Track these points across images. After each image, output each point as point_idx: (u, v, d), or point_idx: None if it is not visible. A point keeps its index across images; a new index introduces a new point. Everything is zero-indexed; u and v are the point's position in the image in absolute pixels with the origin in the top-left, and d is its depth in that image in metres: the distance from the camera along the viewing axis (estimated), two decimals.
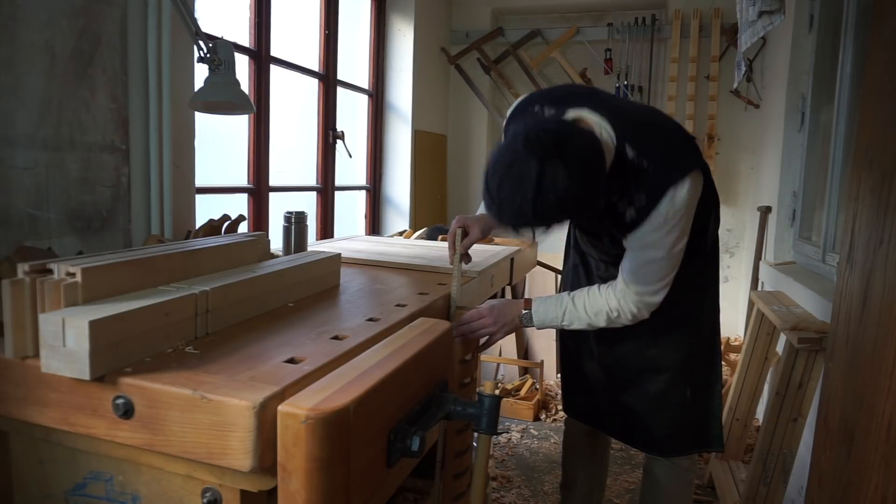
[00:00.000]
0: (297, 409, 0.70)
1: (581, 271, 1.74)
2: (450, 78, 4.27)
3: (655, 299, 1.44)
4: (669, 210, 1.34)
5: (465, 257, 1.55)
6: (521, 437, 2.94)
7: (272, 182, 2.63)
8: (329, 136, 3.11)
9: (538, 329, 1.57)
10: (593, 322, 1.47)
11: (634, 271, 1.43)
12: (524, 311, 1.48)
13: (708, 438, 1.68)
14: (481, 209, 1.58)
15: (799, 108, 2.83)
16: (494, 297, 1.93)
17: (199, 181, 1.97)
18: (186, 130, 1.87)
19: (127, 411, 0.76)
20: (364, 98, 3.62)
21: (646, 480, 1.77)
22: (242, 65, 2.46)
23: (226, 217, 1.65)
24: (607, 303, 1.45)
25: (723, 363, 1.91)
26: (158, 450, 0.76)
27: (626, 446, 2.88)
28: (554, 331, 4.01)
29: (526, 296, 4.04)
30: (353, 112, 3.52)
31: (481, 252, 1.98)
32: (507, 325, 1.46)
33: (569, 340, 1.81)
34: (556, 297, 1.50)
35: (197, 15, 2.00)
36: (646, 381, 1.66)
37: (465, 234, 1.52)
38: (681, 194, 1.34)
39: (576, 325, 1.49)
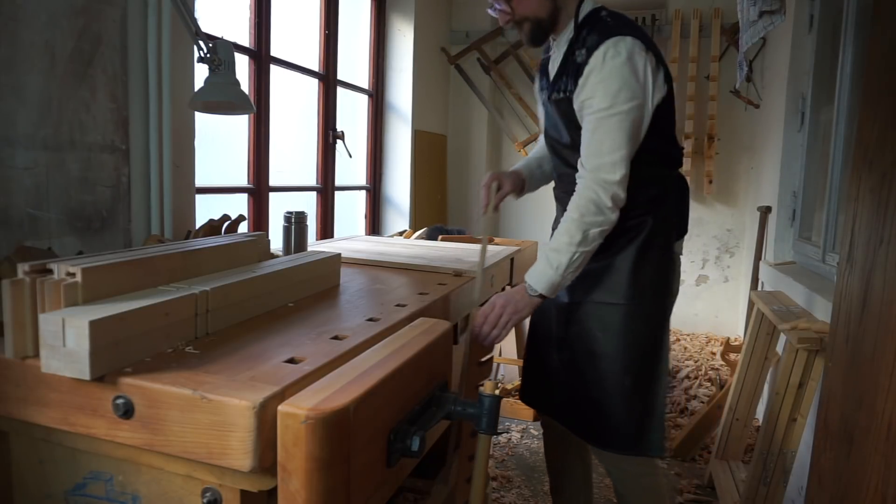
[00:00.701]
0: (297, 409, 0.70)
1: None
2: (450, 78, 4.27)
3: (613, 177, 1.44)
4: (606, 61, 1.43)
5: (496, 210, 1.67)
6: (521, 437, 2.94)
7: (272, 182, 2.63)
8: (329, 136, 3.11)
9: (549, 295, 1.53)
10: (573, 238, 1.46)
11: (587, 146, 1.47)
12: (526, 286, 1.50)
13: (645, 441, 1.59)
14: (515, 167, 1.81)
15: (799, 108, 2.83)
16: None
17: (199, 181, 1.97)
18: (186, 130, 1.87)
19: (127, 411, 0.76)
20: (364, 98, 3.62)
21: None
22: (242, 65, 2.46)
23: (226, 217, 1.65)
24: (570, 211, 1.47)
25: (669, 360, 1.80)
26: (158, 450, 0.76)
27: None
28: None
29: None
30: (353, 112, 3.52)
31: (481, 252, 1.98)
32: (519, 304, 1.49)
33: (536, 323, 1.78)
34: (538, 259, 1.52)
35: (197, 15, 2.00)
36: (586, 363, 1.63)
37: (498, 187, 1.65)
38: (618, 49, 1.43)
39: (565, 258, 1.47)
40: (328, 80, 3.09)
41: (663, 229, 1.60)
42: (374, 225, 3.78)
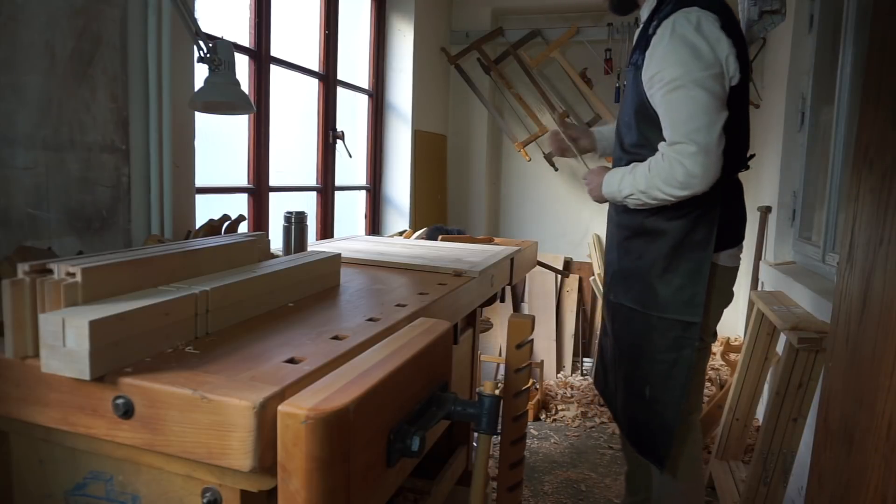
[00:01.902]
0: (297, 409, 0.70)
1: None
2: (450, 78, 4.27)
3: (688, 149, 1.38)
4: (674, 32, 1.40)
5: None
6: None
7: (272, 182, 2.63)
8: (329, 136, 3.11)
9: (606, 197, 1.67)
10: (638, 185, 1.50)
11: (664, 121, 1.45)
12: (603, 182, 1.63)
13: (655, 453, 1.59)
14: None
15: (799, 108, 2.83)
16: (494, 296, 1.94)
17: (199, 181, 1.97)
18: (186, 130, 1.87)
19: (127, 411, 0.76)
20: (364, 98, 3.62)
21: None
22: (242, 65, 2.46)
23: (226, 217, 1.65)
24: (653, 163, 1.48)
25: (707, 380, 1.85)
26: (158, 450, 0.76)
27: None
28: (553, 332, 4.01)
29: (526, 296, 4.05)
30: (353, 112, 3.52)
31: (481, 252, 1.98)
32: (596, 187, 1.66)
33: (604, 317, 1.86)
34: (623, 169, 1.58)
35: (197, 15, 2.00)
36: (625, 363, 1.64)
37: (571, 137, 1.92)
38: (688, 18, 1.40)
39: (626, 191, 1.53)
40: (328, 80, 3.09)
41: (701, 236, 1.52)
42: (374, 225, 3.78)
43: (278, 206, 2.63)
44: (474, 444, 1.91)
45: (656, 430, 1.59)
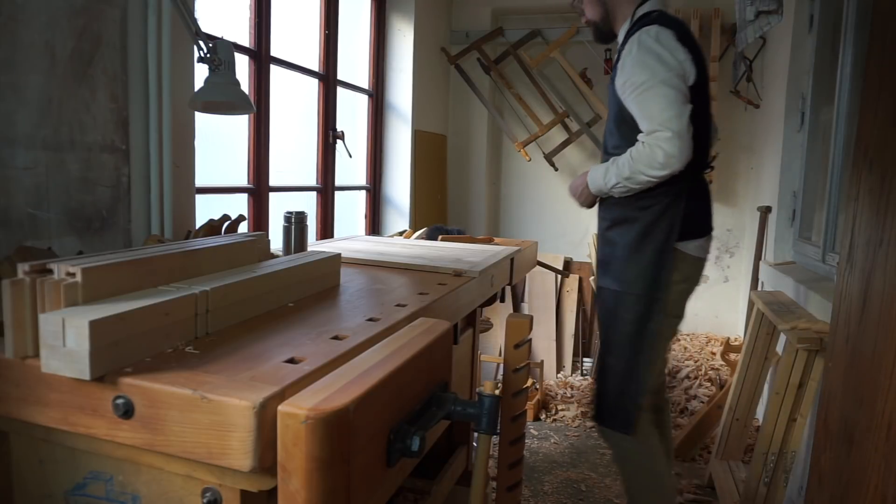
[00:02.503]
0: (297, 409, 0.70)
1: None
2: (450, 78, 4.27)
3: (665, 134, 1.62)
4: (639, 45, 1.68)
5: None
6: None
7: (272, 182, 2.63)
8: (329, 136, 3.11)
9: (596, 194, 1.87)
10: (622, 172, 1.71)
11: (639, 119, 1.68)
12: (587, 180, 1.85)
13: (623, 420, 1.81)
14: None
15: (799, 108, 2.83)
16: (494, 296, 1.94)
17: (199, 181, 1.97)
18: (186, 130, 1.87)
19: (127, 411, 0.76)
20: (364, 98, 3.62)
21: None
22: (242, 65, 2.46)
23: (226, 217, 1.65)
24: (632, 151, 1.69)
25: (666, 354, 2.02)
26: (158, 450, 0.76)
27: None
28: (553, 331, 4.02)
29: (525, 296, 4.05)
30: (353, 112, 3.52)
31: (481, 252, 1.98)
32: (582, 192, 1.87)
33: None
34: (607, 163, 1.80)
35: (197, 15, 2.00)
36: (602, 342, 1.88)
37: None
38: (648, 33, 1.68)
39: (612, 180, 1.75)
40: (328, 80, 3.09)
41: (666, 225, 1.76)
42: (374, 225, 3.78)
43: (278, 206, 2.63)
44: (474, 444, 1.91)
45: (627, 398, 1.80)
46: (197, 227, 1.81)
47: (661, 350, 1.90)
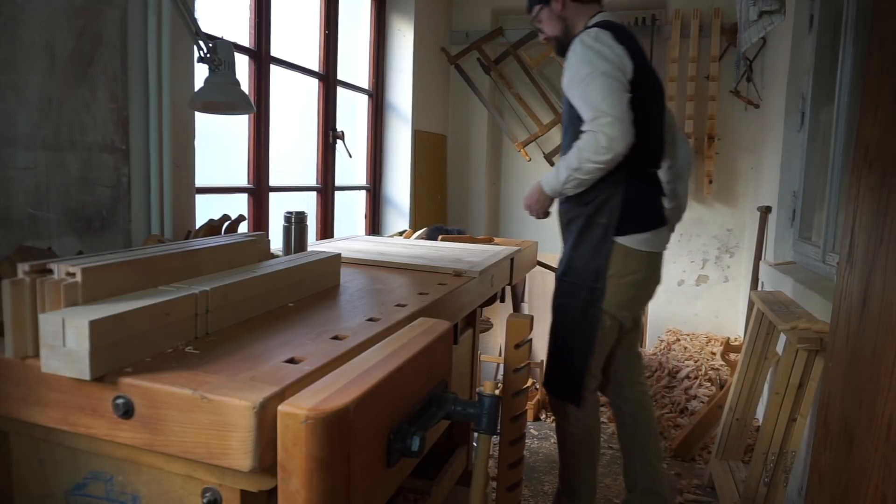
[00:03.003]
0: (297, 409, 0.70)
1: None
2: (450, 78, 4.27)
3: (605, 119, 1.73)
4: (580, 45, 1.82)
5: None
6: None
7: (272, 182, 2.63)
8: (329, 136, 3.11)
9: (551, 195, 1.97)
10: (570, 164, 1.81)
11: (582, 109, 1.80)
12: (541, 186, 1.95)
13: (571, 393, 1.99)
14: None
15: (799, 108, 2.83)
16: (494, 296, 1.94)
17: (199, 181, 1.97)
18: (186, 130, 1.87)
19: (127, 411, 0.76)
20: (364, 98, 3.62)
21: None
22: (242, 65, 2.46)
23: (226, 217, 1.65)
24: (576, 144, 1.79)
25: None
26: (158, 450, 0.76)
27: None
28: None
29: (525, 296, 4.05)
30: (353, 112, 3.52)
31: (481, 252, 1.98)
32: (540, 197, 1.96)
33: None
34: (556, 166, 1.90)
35: (197, 15, 2.00)
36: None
37: None
38: (588, 34, 1.84)
39: (563, 176, 1.84)
40: (328, 80, 3.09)
41: (604, 219, 1.89)
42: (374, 225, 3.77)
43: (278, 206, 2.63)
44: (474, 444, 1.91)
45: (571, 374, 1.98)
46: (197, 227, 1.81)
47: (608, 341, 2.01)
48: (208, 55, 1.45)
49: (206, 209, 2.08)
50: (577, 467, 2.09)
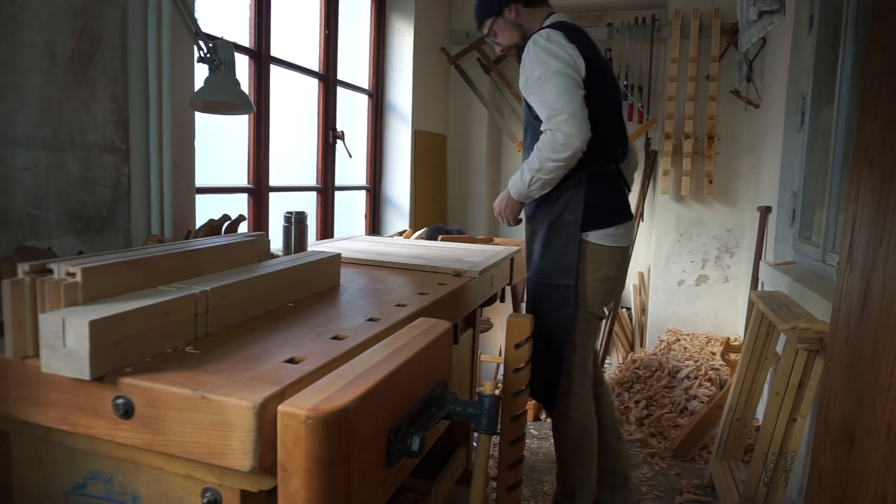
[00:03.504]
0: (297, 409, 0.70)
1: None
2: (450, 78, 4.27)
3: (560, 117, 1.77)
4: (534, 46, 1.86)
5: None
6: None
7: (272, 182, 2.63)
8: (329, 136, 3.11)
9: (518, 199, 1.98)
10: (532, 165, 1.84)
11: (538, 108, 1.84)
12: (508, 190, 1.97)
13: (546, 396, 2.01)
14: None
15: (799, 108, 2.83)
16: (494, 296, 1.94)
17: (199, 181, 1.97)
18: (186, 130, 1.87)
19: (127, 411, 0.76)
20: (364, 98, 3.62)
21: None
22: (242, 65, 2.46)
23: (226, 217, 1.65)
24: (536, 145, 1.83)
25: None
26: (158, 450, 0.76)
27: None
28: None
29: (525, 296, 4.05)
30: (353, 112, 3.52)
31: (481, 252, 1.98)
32: (508, 203, 1.98)
33: None
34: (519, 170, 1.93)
35: (197, 15, 2.00)
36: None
37: None
38: (540, 35, 1.87)
39: (527, 178, 1.87)
40: (328, 80, 3.09)
41: (570, 217, 1.92)
42: (374, 225, 3.77)
43: (278, 206, 2.63)
44: (474, 444, 1.91)
45: (547, 377, 1.98)
46: (197, 227, 1.81)
47: (592, 336, 2.05)
48: (208, 55, 1.45)
49: (206, 209, 2.08)
50: (573, 467, 2.11)
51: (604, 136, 1.90)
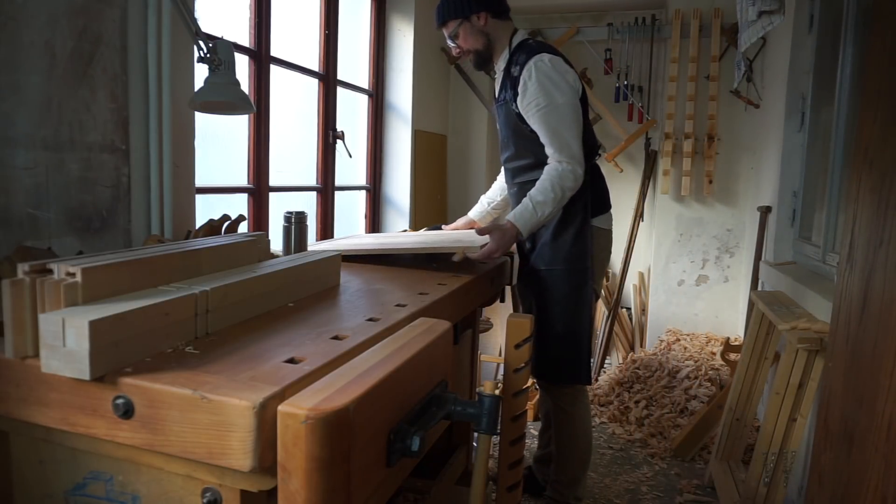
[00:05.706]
0: (297, 409, 0.70)
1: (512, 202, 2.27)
2: (450, 78, 4.27)
3: (578, 152, 1.92)
4: (538, 72, 1.93)
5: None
6: None
7: (272, 182, 2.63)
8: (329, 136, 3.11)
9: (526, 234, 1.99)
10: (548, 197, 1.92)
11: (548, 137, 1.94)
12: (517, 230, 1.94)
13: (574, 374, 2.09)
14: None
15: (799, 108, 2.83)
16: (494, 296, 1.94)
17: (199, 181, 1.97)
18: (186, 130, 1.87)
19: (127, 411, 0.76)
20: (364, 98, 3.62)
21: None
22: (242, 65, 2.46)
23: (226, 217, 1.65)
24: (548, 178, 1.93)
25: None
26: (158, 450, 0.76)
27: (627, 447, 2.89)
28: None
29: (526, 289, 4.05)
30: (353, 112, 3.52)
31: (482, 239, 1.98)
32: (507, 244, 1.94)
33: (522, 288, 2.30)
34: (522, 205, 1.96)
35: (197, 15, 2.00)
36: (538, 318, 2.07)
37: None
38: (543, 61, 1.94)
39: (548, 209, 1.94)
40: (328, 80, 3.09)
41: (579, 207, 2.04)
42: (374, 225, 3.77)
43: (278, 206, 2.63)
44: (474, 444, 1.91)
45: (577, 356, 2.07)
46: (197, 227, 1.81)
47: (593, 315, 2.23)
48: (208, 55, 1.45)
49: (206, 209, 2.08)
50: (569, 467, 2.16)
51: (591, 138, 2.09)
